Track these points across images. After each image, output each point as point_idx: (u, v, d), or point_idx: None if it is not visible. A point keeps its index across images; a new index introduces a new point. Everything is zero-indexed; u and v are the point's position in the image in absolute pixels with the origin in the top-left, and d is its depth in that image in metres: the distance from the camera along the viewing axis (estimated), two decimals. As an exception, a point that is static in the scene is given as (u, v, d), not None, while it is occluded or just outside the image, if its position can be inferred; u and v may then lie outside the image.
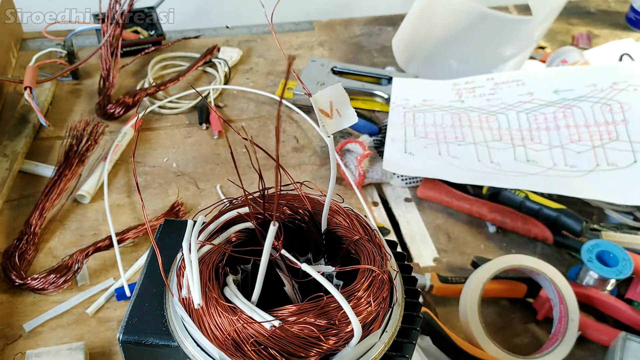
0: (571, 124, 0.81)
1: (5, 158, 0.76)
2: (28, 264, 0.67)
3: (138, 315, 0.39)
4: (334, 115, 0.34)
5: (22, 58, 0.97)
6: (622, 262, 0.65)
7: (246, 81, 0.98)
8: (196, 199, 0.77)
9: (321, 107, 0.34)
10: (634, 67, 0.89)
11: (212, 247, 0.39)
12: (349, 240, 0.40)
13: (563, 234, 0.73)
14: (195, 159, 0.83)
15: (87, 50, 0.99)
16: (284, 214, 0.41)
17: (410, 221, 0.77)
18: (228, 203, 0.43)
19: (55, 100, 0.90)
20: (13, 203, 0.74)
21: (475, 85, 0.91)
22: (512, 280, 0.67)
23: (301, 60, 1.04)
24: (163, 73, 0.98)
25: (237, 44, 1.06)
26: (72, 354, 0.56)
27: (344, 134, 0.88)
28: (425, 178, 0.79)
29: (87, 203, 0.75)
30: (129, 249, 0.70)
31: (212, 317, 0.34)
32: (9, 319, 0.62)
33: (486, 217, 0.76)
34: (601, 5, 1.28)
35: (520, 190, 0.76)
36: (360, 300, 0.36)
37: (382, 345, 0.37)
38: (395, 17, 1.16)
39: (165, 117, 0.90)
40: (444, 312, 0.67)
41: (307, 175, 0.82)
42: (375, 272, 0.37)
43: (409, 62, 1.00)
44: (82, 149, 0.78)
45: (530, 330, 0.66)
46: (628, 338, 0.59)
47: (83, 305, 0.64)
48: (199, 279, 0.35)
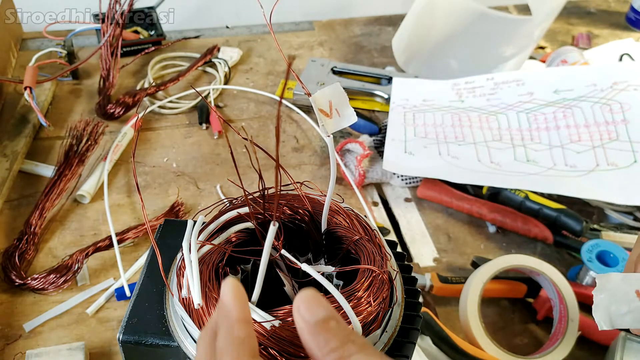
0: (571, 124, 0.81)
1: (5, 158, 0.76)
2: (28, 264, 0.67)
3: (138, 315, 0.39)
4: (333, 115, 0.35)
5: (22, 58, 0.97)
6: (622, 262, 0.65)
7: (246, 81, 0.98)
8: (196, 199, 0.77)
9: (320, 107, 0.34)
10: (634, 67, 0.89)
11: (212, 247, 0.39)
12: (349, 240, 0.40)
13: (563, 234, 0.73)
14: (195, 159, 0.83)
15: (87, 50, 0.99)
16: (284, 214, 0.41)
17: (410, 221, 0.77)
18: (228, 203, 0.43)
19: (55, 100, 0.90)
20: (13, 203, 0.74)
21: (475, 85, 0.91)
22: (512, 280, 0.67)
23: (301, 60, 1.04)
24: (163, 73, 0.98)
25: (237, 44, 1.06)
26: (72, 354, 0.56)
27: (344, 134, 0.88)
28: (425, 178, 0.79)
29: (87, 203, 0.75)
30: (129, 249, 0.70)
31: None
32: (9, 319, 0.62)
33: (486, 217, 0.76)
34: (601, 5, 1.28)
35: (520, 190, 0.76)
36: (360, 300, 0.36)
37: (382, 345, 0.37)
38: (395, 17, 1.16)
39: (165, 117, 0.90)
40: (444, 312, 0.67)
41: (307, 175, 0.82)
42: (375, 272, 0.37)
43: (409, 62, 1.00)
44: (82, 149, 0.78)
45: (530, 330, 0.66)
46: (628, 338, 0.59)
47: (83, 305, 0.64)
48: (199, 279, 0.35)
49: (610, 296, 0.34)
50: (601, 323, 0.33)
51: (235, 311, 0.28)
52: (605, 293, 0.34)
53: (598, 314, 0.33)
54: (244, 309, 0.29)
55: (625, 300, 0.34)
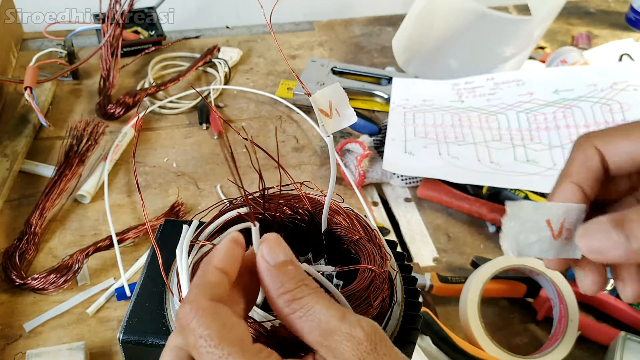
0: (571, 124, 0.81)
1: (5, 158, 0.76)
2: (28, 264, 0.67)
3: (138, 315, 0.39)
4: (333, 115, 0.35)
5: (22, 58, 0.97)
6: (622, 262, 0.65)
7: (246, 81, 0.98)
8: (196, 199, 0.77)
9: (320, 107, 0.34)
10: (634, 67, 0.89)
11: (212, 247, 0.39)
12: (349, 240, 0.40)
13: (563, 234, 0.73)
14: (195, 159, 0.83)
15: (87, 50, 0.99)
16: (284, 214, 0.41)
17: (410, 221, 0.77)
18: (228, 203, 0.43)
19: (55, 100, 0.90)
20: (13, 203, 0.74)
21: (475, 85, 0.91)
22: (512, 280, 0.67)
23: (301, 61, 1.04)
24: (163, 73, 0.98)
25: (237, 44, 1.06)
26: (72, 354, 0.56)
27: (344, 134, 0.88)
28: (425, 178, 0.79)
29: (88, 203, 0.75)
30: (129, 249, 0.70)
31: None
32: (9, 318, 0.62)
33: (486, 217, 0.76)
34: (601, 5, 1.28)
35: (520, 190, 0.76)
36: (360, 300, 0.36)
37: (382, 345, 0.37)
38: (395, 17, 1.16)
39: (165, 117, 0.90)
40: (444, 312, 0.67)
41: (307, 175, 0.82)
42: (375, 272, 0.37)
43: (409, 62, 1.00)
44: (83, 149, 0.78)
45: (530, 330, 0.66)
46: (628, 338, 0.59)
47: (83, 305, 0.64)
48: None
49: (520, 225, 0.33)
50: (508, 251, 0.33)
51: (216, 258, 0.30)
52: (515, 221, 0.33)
53: (506, 242, 0.33)
54: (226, 259, 0.30)
55: (535, 230, 0.33)
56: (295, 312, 0.29)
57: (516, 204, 0.33)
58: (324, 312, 0.28)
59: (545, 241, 0.33)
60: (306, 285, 0.30)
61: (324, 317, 0.28)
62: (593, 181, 0.36)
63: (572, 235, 0.34)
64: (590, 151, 0.36)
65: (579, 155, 0.36)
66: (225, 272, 0.30)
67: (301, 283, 0.30)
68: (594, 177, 0.36)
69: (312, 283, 0.30)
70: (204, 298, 0.28)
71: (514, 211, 0.33)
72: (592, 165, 0.36)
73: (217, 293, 0.29)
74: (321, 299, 0.29)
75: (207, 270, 0.30)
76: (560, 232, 0.34)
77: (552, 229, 0.33)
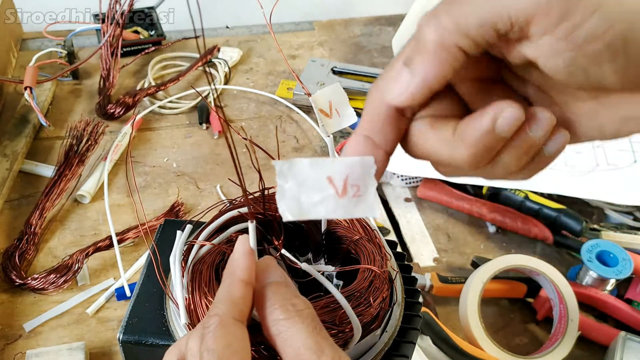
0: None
1: (5, 158, 0.76)
2: (28, 264, 0.67)
3: (138, 315, 0.39)
4: (333, 115, 0.35)
5: (22, 58, 0.97)
6: (622, 262, 0.65)
7: (246, 81, 0.98)
8: (196, 199, 0.77)
9: (320, 107, 0.34)
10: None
11: (212, 247, 0.39)
12: (349, 240, 0.40)
13: (563, 234, 0.73)
14: (195, 159, 0.83)
15: (87, 50, 0.99)
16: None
17: (410, 221, 0.77)
18: (228, 203, 0.43)
19: (55, 100, 0.90)
20: (13, 203, 0.74)
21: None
22: (512, 280, 0.67)
23: (301, 61, 1.04)
24: (163, 73, 0.98)
25: (237, 44, 1.06)
26: (72, 354, 0.56)
27: (344, 134, 0.88)
28: (425, 178, 0.79)
29: (87, 203, 0.75)
30: (129, 248, 0.70)
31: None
32: (9, 318, 0.62)
33: (486, 217, 0.76)
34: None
35: (520, 190, 0.76)
36: (360, 300, 0.36)
37: (382, 345, 0.37)
38: (395, 17, 1.16)
39: (165, 117, 0.90)
40: (444, 312, 0.67)
41: (307, 175, 0.82)
42: (375, 272, 0.37)
43: (409, 62, 1.00)
44: (82, 149, 0.78)
45: (530, 330, 0.66)
46: (628, 338, 0.59)
47: (83, 305, 0.64)
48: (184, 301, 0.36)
49: (299, 184, 0.28)
50: (286, 213, 0.28)
51: (240, 270, 0.30)
52: (291, 181, 0.28)
53: (284, 204, 0.28)
54: (249, 270, 0.30)
55: (317, 188, 0.28)
56: (280, 333, 0.29)
57: (287, 163, 0.28)
58: (303, 341, 0.28)
59: (331, 199, 0.29)
60: (293, 306, 0.30)
61: (302, 347, 0.28)
62: (388, 126, 0.30)
63: (362, 192, 0.29)
64: (376, 95, 0.30)
65: (370, 99, 0.31)
66: (248, 282, 0.30)
67: (290, 306, 0.30)
68: (389, 122, 0.30)
69: (302, 305, 0.30)
70: (230, 316, 0.29)
71: (285, 169, 0.28)
72: (383, 107, 0.30)
73: (242, 310, 0.30)
74: (307, 325, 0.29)
75: (232, 284, 0.30)
76: (344, 189, 0.29)
77: (335, 186, 0.29)
